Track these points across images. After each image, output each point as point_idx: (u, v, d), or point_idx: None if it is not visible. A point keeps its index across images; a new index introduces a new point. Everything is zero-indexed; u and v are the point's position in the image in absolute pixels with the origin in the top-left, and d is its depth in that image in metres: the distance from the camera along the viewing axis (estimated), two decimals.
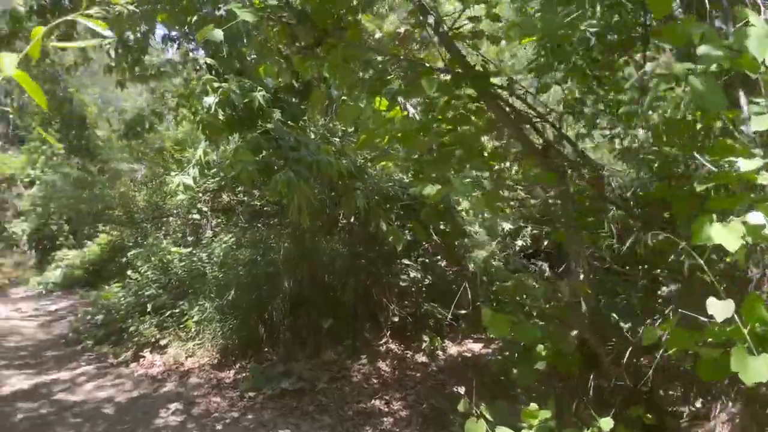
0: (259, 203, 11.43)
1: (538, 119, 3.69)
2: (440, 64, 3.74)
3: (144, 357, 6.66)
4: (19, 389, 5.68)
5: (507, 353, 5.07)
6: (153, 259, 9.13)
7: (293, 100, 6.90)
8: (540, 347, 3.42)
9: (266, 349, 6.72)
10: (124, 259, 10.62)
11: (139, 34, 6.30)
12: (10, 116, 19.39)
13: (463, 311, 7.51)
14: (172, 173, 9.41)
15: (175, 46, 7.61)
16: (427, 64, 3.57)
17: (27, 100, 16.02)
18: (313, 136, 6.47)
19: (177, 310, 7.22)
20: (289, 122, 6.24)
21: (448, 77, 3.33)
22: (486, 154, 3.42)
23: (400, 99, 3.85)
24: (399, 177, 7.87)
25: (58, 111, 15.31)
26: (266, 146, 5.66)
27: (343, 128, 7.63)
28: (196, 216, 10.61)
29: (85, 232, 14.48)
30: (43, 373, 6.31)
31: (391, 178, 7.75)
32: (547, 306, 4.15)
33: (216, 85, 5.58)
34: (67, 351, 7.30)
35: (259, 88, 5.76)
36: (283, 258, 7.12)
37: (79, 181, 12.91)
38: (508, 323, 3.28)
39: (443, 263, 7.84)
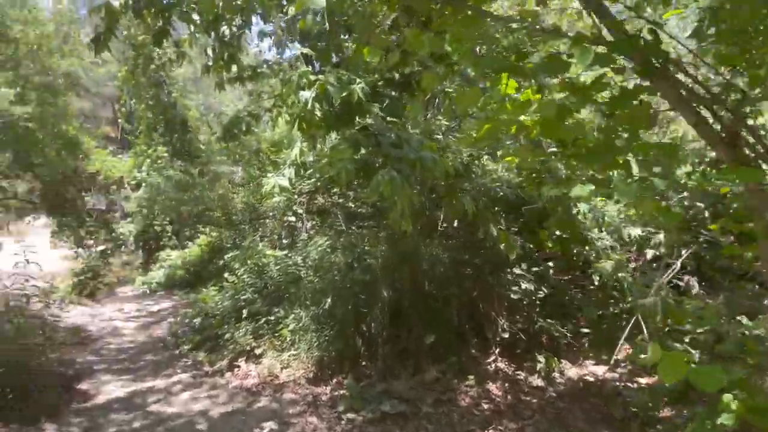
0: (353, 205, 11.07)
1: (714, 100, 2.86)
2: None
3: (239, 367, 6.38)
4: (114, 398, 5.55)
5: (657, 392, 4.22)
6: (249, 262, 8.97)
7: (393, 93, 6.39)
8: (728, 397, 2.60)
9: (364, 363, 6.22)
10: (222, 262, 10.61)
11: (234, 28, 6.03)
12: (119, 121, 20.56)
13: (586, 329, 6.64)
14: (268, 175, 9.25)
15: (271, 41, 7.33)
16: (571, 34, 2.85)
17: (135, 106, 16.80)
18: (413, 132, 5.87)
19: (272, 318, 6.91)
20: (389, 117, 5.72)
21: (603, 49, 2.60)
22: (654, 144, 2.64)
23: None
24: (507, 176, 7.12)
25: (162, 116, 15.89)
26: (365, 143, 5.14)
27: (446, 123, 7.00)
28: (292, 218, 10.40)
29: (186, 233, 14.87)
30: (140, 380, 6.18)
31: (499, 177, 7.02)
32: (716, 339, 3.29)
33: (312, 78, 5.15)
34: (165, 356, 7.20)
35: (357, 80, 5.28)
36: (381, 264, 6.60)
37: (180, 184, 13.21)
38: (684, 365, 2.50)
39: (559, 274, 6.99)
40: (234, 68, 7.93)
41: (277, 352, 6.47)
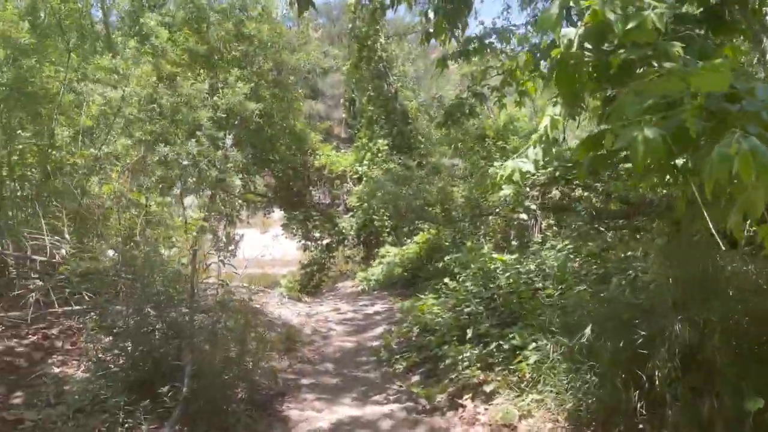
0: (599, 198, 8.99)
1: None
2: None
3: (464, 406, 4.97)
4: (315, 429, 4.56)
5: None
6: (473, 266, 7.58)
7: (697, 31, 4.35)
8: None
9: (641, 427, 4.32)
10: (440, 264, 9.46)
11: None
12: (343, 115, 21.08)
13: None
14: (496, 164, 7.75)
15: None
16: None
17: (358, 99, 16.74)
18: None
19: (505, 345, 5.37)
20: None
21: None
22: None
23: None
24: None
25: (383, 108, 15.49)
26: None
27: None
28: (522, 215, 8.75)
29: (404, 229, 14.17)
30: (347, 405, 5.17)
31: None
32: None
33: (584, 2, 3.46)
34: (377, 374, 6.16)
35: (652, 4, 3.43)
36: (667, 285, 4.59)
37: (399, 177, 12.45)
38: None
39: None
40: (459, 33, 6.69)
41: (513, 391, 4.90)
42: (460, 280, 7.38)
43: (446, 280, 7.80)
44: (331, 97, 45.52)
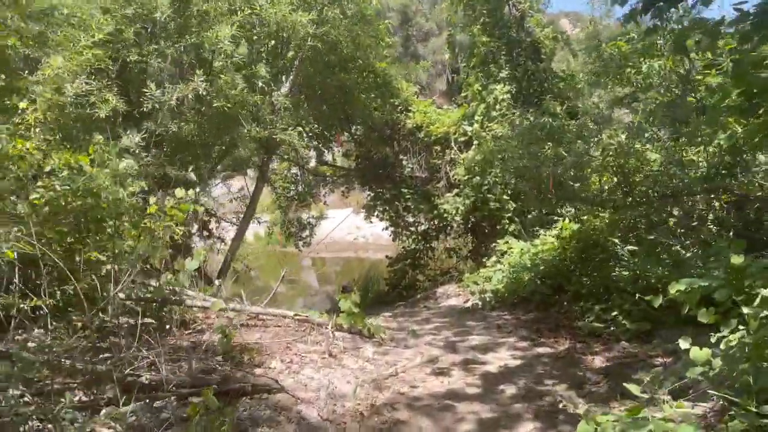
0: None
1: None
2: None
3: None
4: None
5: None
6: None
7: None
8: None
9: None
10: (606, 273, 5.09)
11: None
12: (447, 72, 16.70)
13: None
14: None
15: None
16: None
17: (466, 35, 12.27)
18: None
19: None
20: None
21: None
22: None
23: None
24: None
25: (504, 38, 10.95)
26: None
27: None
28: None
29: (536, 214, 9.68)
30: None
31: None
32: None
33: None
34: None
35: None
36: None
37: (532, 135, 7.95)
38: None
39: None
40: None
41: None
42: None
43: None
44: (433, 64, 41.11)
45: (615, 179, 6.10)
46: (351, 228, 28.56)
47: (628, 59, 5.57)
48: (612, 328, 5.97)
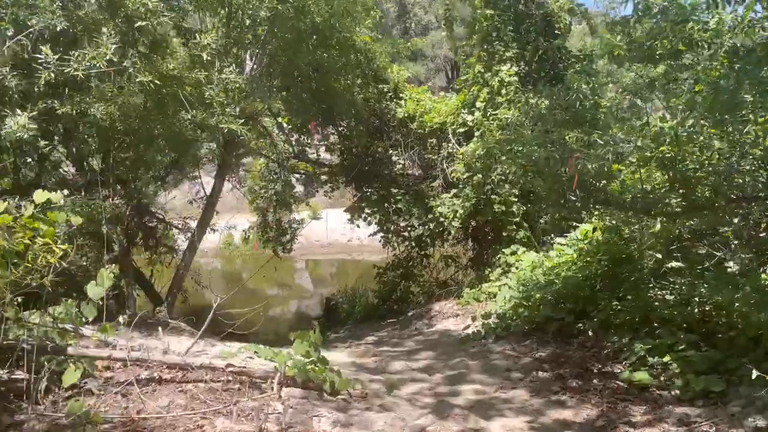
0: None
1: None
2: None
3: None
4: None
5: None
6: None
7: None
8: None
9: None
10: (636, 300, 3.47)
11: None
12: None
13: None
14: None
15: None
16: None
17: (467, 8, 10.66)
18: None
19: None
20: None
21: None
22: None
23: None
24: None
25: (510, 11, 9.34)
26: None
27: None
28: None
29: (548, 219, 8.10)
30: None
31: None
32: None
33: None
34: None
35: None
36: None
37: (555, 119, 6.34)
38: None
39: None
40: None
41: None
42: None
43: None
44: (432, 58, 39.42)
45: (668, 176, 4.50)
46: (345, 230, 27.06)
47: (695, 9, 3.96)
48: (663, 378, 4.41)
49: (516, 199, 8.48)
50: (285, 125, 11.02)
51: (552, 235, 7.65)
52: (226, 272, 21.49)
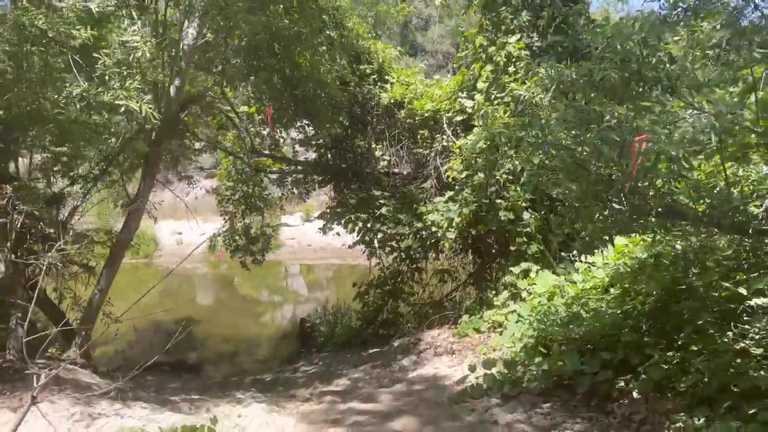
0: None
1: None
2: None
3: None
4: None
5: None
6: None
7: None
8: None
9: None
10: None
11: None
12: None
13: None
14: None
15: None
16: None
17: None
18: None
19: None
20: None
21: None
22: None
23: None
24: None
25: None
26: None
27: None
28: None
29: (565, 229, 6.32)
30: None
31: None
32: None
33: None
34: None
35: None
36: None
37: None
38: None
39: None
40: None
41: None
42: None
43: None
44: (433, 54, 37.63)
45: None
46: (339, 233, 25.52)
47: None
48: None
49: (527, 204, 6.71)
50: (255, 115, 9.29)
51: (574, 252, 5.87)
52: (216, 277, 20.04)
